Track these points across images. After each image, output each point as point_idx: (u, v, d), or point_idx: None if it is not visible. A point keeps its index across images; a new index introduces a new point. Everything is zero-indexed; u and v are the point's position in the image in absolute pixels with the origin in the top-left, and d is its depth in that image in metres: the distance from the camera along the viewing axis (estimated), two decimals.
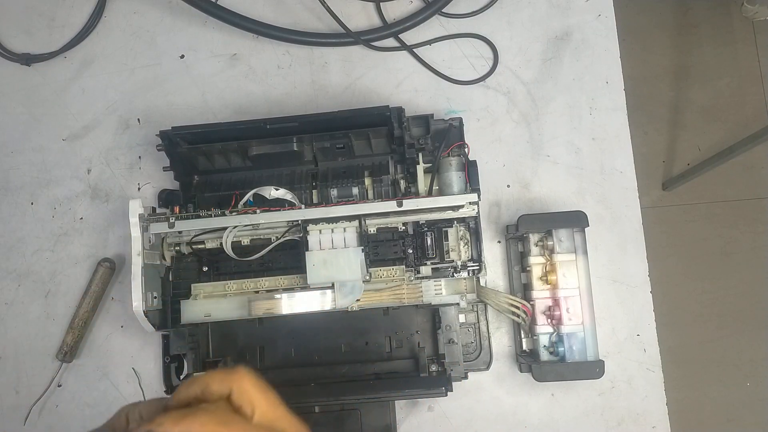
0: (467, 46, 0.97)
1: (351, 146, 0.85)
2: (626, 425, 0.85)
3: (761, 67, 1.96)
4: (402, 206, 0.80)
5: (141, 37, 1.01)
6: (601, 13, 0.96)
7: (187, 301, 0.84)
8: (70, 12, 1.03)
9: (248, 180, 0.87)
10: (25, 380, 0.92)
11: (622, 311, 0.88)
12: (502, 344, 0.88)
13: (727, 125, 1.93)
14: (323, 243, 0.81)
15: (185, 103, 0.99)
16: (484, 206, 0.90)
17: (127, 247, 0.86)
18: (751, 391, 1.80)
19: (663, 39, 1.99)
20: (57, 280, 0.94)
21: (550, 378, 0.78)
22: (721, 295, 1.84)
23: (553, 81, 0.95)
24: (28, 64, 1.01)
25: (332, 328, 0.86)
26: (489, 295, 0.83)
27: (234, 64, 1.00)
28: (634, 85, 1.89)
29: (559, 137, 0.93)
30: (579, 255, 0.81)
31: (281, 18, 1.00)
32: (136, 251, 0.80)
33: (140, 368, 0.91)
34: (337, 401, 0.82)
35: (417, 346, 0.85)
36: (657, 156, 1.93)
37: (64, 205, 0.96)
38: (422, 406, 0.87)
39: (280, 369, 0.86)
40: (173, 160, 0.86)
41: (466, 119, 0.87)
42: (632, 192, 0.91)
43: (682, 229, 1.88)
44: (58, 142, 0.99)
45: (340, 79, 0.98)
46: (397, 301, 0.82)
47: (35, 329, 0.93)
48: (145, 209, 0.83)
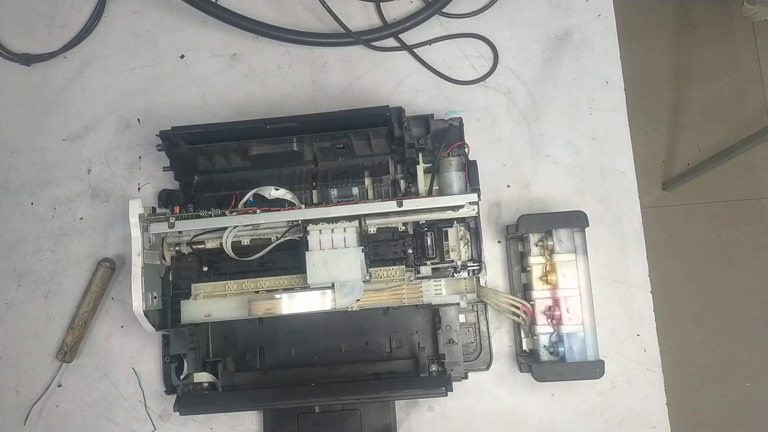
0: (467, 46, 0.97)
1: (351, 146, 0.85)
2: (626, 425, 0.85)
3: (761, 67, 1.96)
4: (402, 206, 0.80)
5: (141, 37, 1.01)
6: (601, 13, 0.96)
7: (187, 301, 0.84)
8: (70, 12, 1.03)
9: (248, 180, 0.87)
10: (25, 380, 0.92)
11: (622, 311, 0.88)
12: (502, 344, 0.88)
13: (727, 125, 1.92)
14: (323, 243, 0.81)
15: (185, 103, 0.98)
16: (484, 206, 0.90)
17: (127, 247, 0.86)
18: (751, 391, 1.79)
19: (663, 39, 1.99)
20: (57, 280, 0.94)
21: (550, 378, 0.78)
22: (721, 295, 1.84)
23: (553, 81, 0.95)
24: (28, 64, 1.01)
25: (332, 328, 0.86)
26: (489, 295, 0.82)
27: (234, 64, 1.00)
28: (634, 85, 1.89)
29: (559, 137, 0.93)
30: (579, 255, 0.81)
31: (281, 18, 1.00)
32: (136, 251, 0.80)
33: (140, 368, 0.91)
34: (337, 401, 0.82)
35: (417, 346, 0.85)
36: (657, 156, 1.93)
37: (64, 205, 0.96)
38: (422, 406, 0.87)
39: (280, 369, 0.86)
40: (173, 160, 0.86)
41: (466, 119, 0.87)
42: (632, 192, 0.91)
43: (682, 229, 1.88)
44: (58, 142, 0.99)
45: (340, 79, 0.98)
46: (397, 301, 0.82)
47: (35, 329, 0.93)
48: (145, 209, 0.83)
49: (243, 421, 0.88)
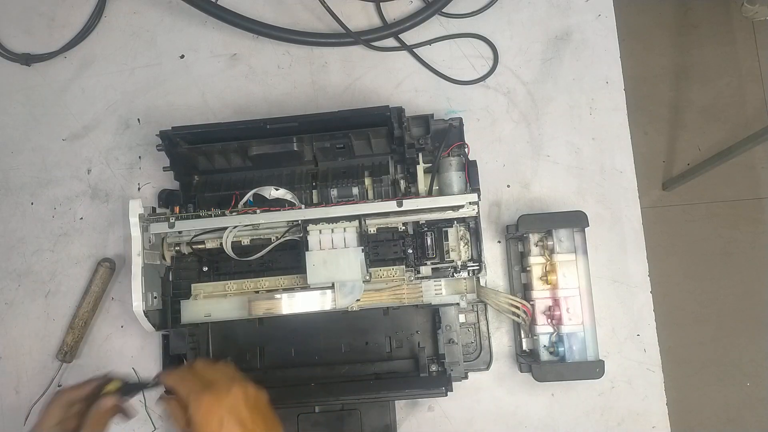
0: (467, 46, 0.97)
1: (351, 146, 0.85)
2: (626, 425, 0.85)
3: (761, 67, 1.96)
4: (402, 206, 0.80)
5: (141, 37, 1.01)
6: (601, 13, 0.96)
7: (187, 301, 0.84)
8: (70, 12, 1.03)
9: (248, 180, 0.87)
10: (25, 380, 0.92)
11: (622, 311, 0.88)
12: (502, 344, 0.88)
13: (727, 125, 1.93)
14: (323, 243, 0.81)
15: (185, 103, 0.98)
16: (484, 206, 0.90)
17: (127, 247, 0.86)
18: (751, 391, 1.80)
19: (663, 39, 1.99)
20: (57, 280, 0.94)
21: (550, 378, 0.78)
22: (721, 295, 1.84)
23: (553, 81, 0.95)
24: (28, 64, 1.01)
25: (332, 328, 0.86)
26: (489, 295, 0.82)
27: (234, 64, 1.00)
28: (634, 85, 1.89)
29: (559, 137, 0.93)
30: (579, 255, 0.81)
31: (281, 18, 1.00)
32: (136, 251, 0.80)
33: (140, 368, 0.91)
34: (337, 401, 0.82)
35: (417, 346, 0.85)
36: (657, 156, 1.93)
37: (64, 205, 0.96)
38: (422, 406, 0.87)
39: (280, 369, 0.86)
40: (173, 160, 0.86)
41: (466, 119, 0.87)
42: (632, 192, 0.91)
43: (682, 229, 1.88)
44: (58, 142, 0.99)
45: (340, 79, 0.98)
46: (397, 301, 0.82)
47: (35, 329, 0.93)
48: (145, 209, 0.83)
49: None
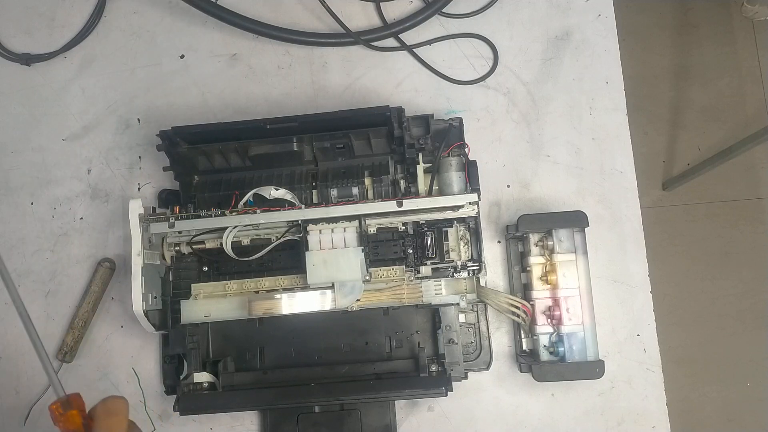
0: (467, 46, 0.97)
1: (351, 146, 0.85)
2: (626, 425, 0.85)
3: (761, 67, 1.96)
4: (402, 206, 0.80)
5: (141, 37, 1.01)
6: (601, 13, 0.96)
7: (187, 301, 0.84)
8: (70, 12, 1.03)
9: (248, 180, 0.87)
10: (25, 380, 0.92)
11: (622, 311, 0.88)
12: (502, 344, 0.88)
13: (727, 125, 1.93)
14: (323, 243, 0.81)
15: (185, 103, 0.98)
16: (484, 206, 0.90)
17: (127, 247, 0.86)
18: (751, 391, 1.79)
19: (663, 39, 1.99)
20: (57, 280, 0.94)
21: (550, 378, 0.78)
22: (721, 295, 1.84)
23: (553, 81, 0.95)
24: (28, 64, 1.01)
25: (332, 328, 0.86)
26: (489, 295, 0.83)
27: (234, 64, 1.00)
28: (634, 85, 1.89)
29: (559, 137, 0.93)
30: (579, 255, 0.81)
31: (281, 18, 1.00)
32: (136, 251, 0.80)
33: (140, 368, 0.91)
34: (337, 401, 0.82)
35: (417, 346, 0.85)
36: (657, 156, 1.93)
37: (64, 205, 0.96)
38: (422, 406, 0.87)
39: (280, 369, 0.86)
40: (173, 160, 0.86)
41: (466, 119, 0.87)
42: (632, 192, 0.91)
43: (682, 229, 1.88)
44: (58, 142, 0.99)
45: (340, 79, 0.98)
46: (397, 301, 0.82)
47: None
48: (145, 209, 0.83)
49: (243, 421, 0.88)
